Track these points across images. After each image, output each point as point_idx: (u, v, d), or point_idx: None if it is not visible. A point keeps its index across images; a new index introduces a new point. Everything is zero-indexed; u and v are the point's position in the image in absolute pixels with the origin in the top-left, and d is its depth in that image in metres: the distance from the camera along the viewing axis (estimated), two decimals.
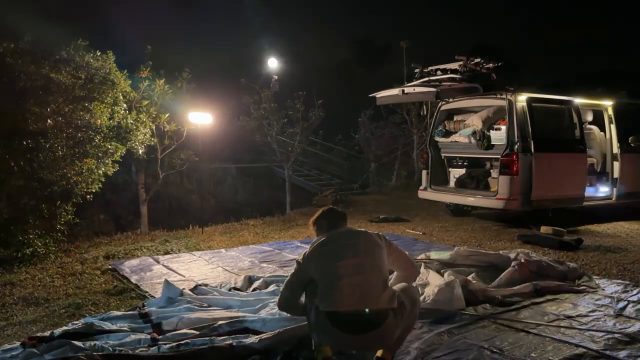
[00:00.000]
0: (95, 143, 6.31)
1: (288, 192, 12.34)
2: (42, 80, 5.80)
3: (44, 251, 5.79)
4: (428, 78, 7.70)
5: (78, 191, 6.19)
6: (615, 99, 8.36)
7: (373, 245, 2.79)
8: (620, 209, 8.23)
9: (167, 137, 8.83)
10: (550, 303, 3.88)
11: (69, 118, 6.06)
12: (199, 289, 4.12)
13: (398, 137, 15.25)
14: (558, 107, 7.47)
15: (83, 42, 6.39)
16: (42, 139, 5.71)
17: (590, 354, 2.97)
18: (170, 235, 7.36)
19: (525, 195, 6.84)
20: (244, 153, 16.61)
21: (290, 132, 12.25)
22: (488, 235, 6.90)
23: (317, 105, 11.95)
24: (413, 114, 13.95)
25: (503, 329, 3.37)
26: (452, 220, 8.18)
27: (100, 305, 4.06)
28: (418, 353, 2.98)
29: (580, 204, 7.53)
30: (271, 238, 7.03)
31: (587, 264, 5.22)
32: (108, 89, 6.48)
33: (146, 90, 8.12)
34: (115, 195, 12.66)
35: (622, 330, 3.33)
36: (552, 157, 7.05)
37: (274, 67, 18.14)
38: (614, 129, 7.99)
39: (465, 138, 7.81)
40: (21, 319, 3.77)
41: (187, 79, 9.34)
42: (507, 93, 7.00)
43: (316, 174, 16.48)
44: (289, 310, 2.98)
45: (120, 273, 5.04)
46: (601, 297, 4.03)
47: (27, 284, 4.73)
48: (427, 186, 8.26)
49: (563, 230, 6.37)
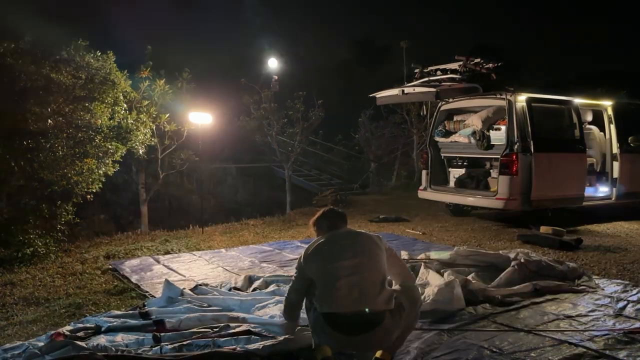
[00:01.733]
0: (96, 143, 6.31)
1: (288, 192, 12.34)
2: (42, 80, 5.81)
3: (45, 251, 5.79)
4: (428, 78, 7.71)
5: (78, 191, 6.20)
6: (614, 99, 8.37)
7: (372, 245, 2.80)
8: (620, 208, 8.24)
9: (167, 137, 8.84)
10: (550, 303, 3.88)
11: (69, 118, 6.06)
12: (199, 289, 4.12)
13: (398, 137, 15.25)
14: (558, 107, 7.48)
15: (83, 42, 6.40)
16: (42, 139, 5.72)
17: (590, 353, 2.98)
18: (171, 235, 7.36)
19: (525, 195, 6.85)
20: (244, 153, 16.61)
21: (290, 132, 12.25)
22: (488, 235, 6.91)
23: (317, 105, 11.96)
24: (413, 114, 13.95)
25: (503, 329, 3.38)
26: (452, 220, 8.19)
27: (100, 305, 4.06)
28: (418, 353, 2.98)
29: (580, 204, 7.54)
30: (271, 238, 7.04)
31: (587, 264, 5.22)
32: (108, 89, 6.49)
33: (146, 90, 8.12)
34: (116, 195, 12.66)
35: (621, 330, 3.34)
36: (551, 157, 7.06)
37: (274, 67, 18.15)
38: (614, 129, 7.99)
39: (465, 138, 7.82)
40: (21, 319, 3.77)
41: (187, 79, 9.35)
42: (507, 93, 7.01)
43: (316, 174, 16.48)
44: (293, 318, 2.98)
45: (120, 273, 5.04)
46: (601, 297, 4.03)
47: (28, 284, 4.74)
48: (427, 186, 8.27)
49: (563, 230, 6.38)
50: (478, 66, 7.32)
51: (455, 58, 7.64)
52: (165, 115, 8.38)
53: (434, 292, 3.74)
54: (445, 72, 7.61)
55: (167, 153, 9.15)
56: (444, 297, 3.68)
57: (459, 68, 7.41)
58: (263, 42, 20.73)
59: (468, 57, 7.42)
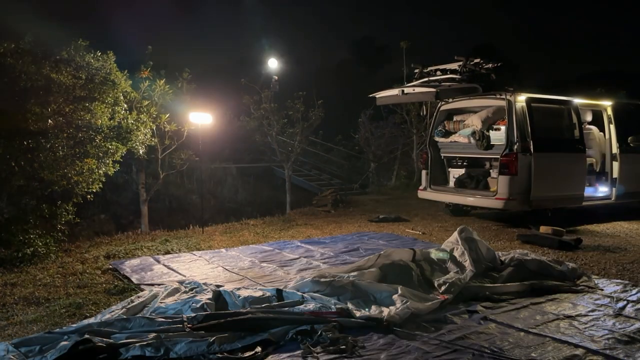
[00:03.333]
0: (96, 143, 6.31)
1: (288, 192, 12.34)
2: (42, 80, 5.81)
3: (45, 251, 5.79)
4: (428, 78, 7.72)
5: (79, 191, 6.20)
6: (614, 99, 8.37)
7: None
8: (620, 208, 8.25)
9: (167, 137, 8.84)
10: (550, 303, 3.89)
11: (69, 118, 6.06)
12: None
13: (398, 137, 15.25)
14: (557, 107, 7.49)
15: (84, 42, 6.40)
16: (42, 139, 5.72)
17: (589, 353, 2.99)
18: (171, 235, 7.37)
19: (525, 195, 6.86)
20: (244, 153, 16.62)
21: (290, 132, 12.26)
22: (487, 235, 6.91)
23: (317, 106, 11.96)
24: (413, 114, 13.96)
25: (503, 329, 3.38)
26: (451, 220, 8.19)
27: (100, 305, 4.06)
28: (418, 353, 2.99)
29: (580, 204, 7.55)
30: (271, 238, 7.04)
31: (587, 264, 5.23)
32: (109, 89, 6.49)
33: (147, 90, 8.12)
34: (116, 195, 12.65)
35: (621, 329, 3.35)
36: (551, 157, 7.07)
37: (274, 67, 18.16)
38: (613, 129, 8.00)
39: (464, 138, 7.82)
40: (22, 319, 3.77)
41: (187, 79, 9.35)
42: (507, 93, 7.02)
43: (316, 174, 16.49)
44: None
45: (121, 273, 5.05)
46: (600, 297, 4.04)
47: (28, 284, 4.74)
48: (426, 186, 8.28)
49: (562, 230, 6.39)
50: (478, 66, 7.33)
51: (455, 58, 7.65)
52: (166, 115, 8.39)
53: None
54: (445, 72, 7.63)
55: (167, 153, 9.14)
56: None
57: (459, 68, 7.42)
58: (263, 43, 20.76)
59: (468, 57, 7.44)
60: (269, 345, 3.05)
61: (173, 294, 3.83)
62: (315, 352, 2.96)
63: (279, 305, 3.60)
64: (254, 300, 3.67)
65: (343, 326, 3.31)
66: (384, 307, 3.61)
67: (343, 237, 6.74)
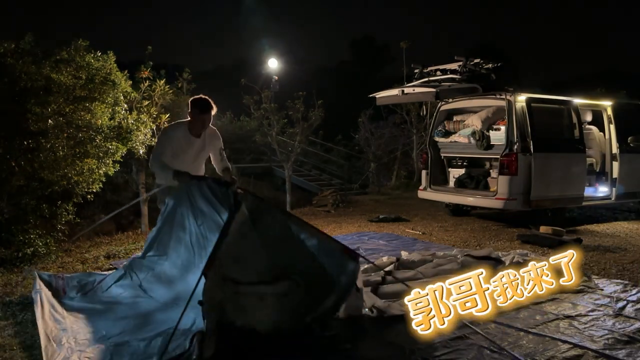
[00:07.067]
0: (96, 143, 6.31)
1: (288, 192, 12.33)
2: (42, 80, 5.80)
3: (45, 251, 5.79)
4: (428, 78, 7.72)
5: (79, 191, 6.20)
6: (614, 99, 8.38)
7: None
8: (620, 209, 8.26)
9: None
10: (549, 303, 3.89)
11: (69, 118, 6.06)
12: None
13: (398, 137, 15.27)
14: (557, 107, 7.49)
15: (84, 42, 6.39)
16: (42, 139, 5.71)
17: (589, 353, 2.99)
18: None
19: (525, 195, 6.86)
20: (244, 153, 16.63)
21: (291, 132, 12.25)
22: (487, 235, 6.92)
23: (317, 106, 11.97)
24: (413, 114, 13.98)
25: (503, 329, 3.39)
26: (451, 220, 8.20)
27: None
28: (418, 353, 3.00)
29: (580, 204, 7.55)
30: None
31: (587, 264, 5.23)
32: (109, 89, 6.48)
33: (147, 90, 8.12)
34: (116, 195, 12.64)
35: (621, 329, 3.35)
36: (551, 157, 7.07)
37: (274, 68, 18.17)
38: (613, 129, 8.00)
39: (464, 138, 7.83)
40: (22, 319, 3.78)
41: (187, 79, 9.35)
42: (507, 93, 7.02)
43: (316, 174, 16.50)
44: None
45: None
46: (600, 297, 4.05)
47: (28, 284, 4.74)
48: (426, 186, 8.28)
49: (562, 230, 6.39)
50: (478, 66, 7.33)
51: (455, 58, 7.65)
52: (166, 116, 8.38)
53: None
54: (445, 72, 7.63)
55: None
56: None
57: (459, 68, 7.42)
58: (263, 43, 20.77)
59: (468, 57, 7.44)
60: None
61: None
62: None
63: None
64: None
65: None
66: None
67: (343, 237, 6.73)
